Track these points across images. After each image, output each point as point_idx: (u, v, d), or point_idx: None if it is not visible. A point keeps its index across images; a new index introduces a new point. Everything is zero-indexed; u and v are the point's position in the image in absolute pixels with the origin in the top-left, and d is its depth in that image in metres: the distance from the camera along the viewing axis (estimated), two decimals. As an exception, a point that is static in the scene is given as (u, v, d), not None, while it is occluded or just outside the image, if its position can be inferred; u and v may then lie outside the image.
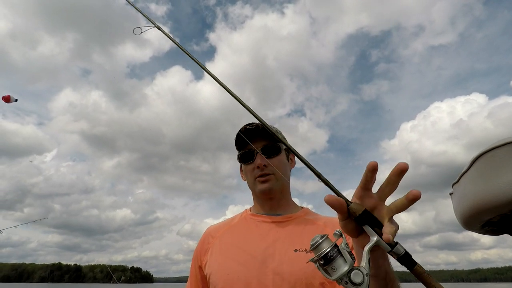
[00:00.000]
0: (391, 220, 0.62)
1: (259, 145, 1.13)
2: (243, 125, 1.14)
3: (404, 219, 41.11)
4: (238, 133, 1.14)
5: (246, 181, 1.20)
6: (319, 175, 0.70)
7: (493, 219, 0.69)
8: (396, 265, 0.67)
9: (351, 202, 0.64)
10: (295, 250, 0.99)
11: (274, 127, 1.18)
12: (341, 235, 0.62)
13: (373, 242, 0.60)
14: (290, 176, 1.21)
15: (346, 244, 0.61)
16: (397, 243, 0.60)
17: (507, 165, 0.62)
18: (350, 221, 0.64)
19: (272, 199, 1.14)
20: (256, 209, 1.19)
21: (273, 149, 1.13)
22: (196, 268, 1.14)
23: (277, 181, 1.11)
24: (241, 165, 1.22)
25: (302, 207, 1.21)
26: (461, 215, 0.75)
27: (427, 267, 0.57)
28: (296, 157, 0.71)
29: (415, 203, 0.60)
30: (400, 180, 0.61)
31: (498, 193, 0.63)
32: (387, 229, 0.60)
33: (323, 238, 0.61)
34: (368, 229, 0.62)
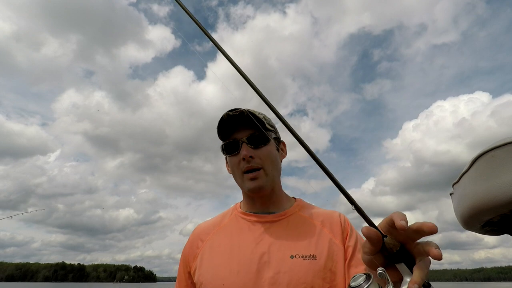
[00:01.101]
0: (425, 262, 0.54)
1: (245, 134, 1.01)
2: (226, 111, 1.02)
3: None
4: (220, 120, 1.02)
5: (232, 175, 1.08)
6: (353, 202, 0.62)
7: (493, 219, 0.69)
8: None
9: (385, 236, 0.57)
10: (291, 257, 0.92)
11: (262, 114, 1.07)
12: (386, 275, 0.55)
13: (408, 284, 0.54)
14: (281, 168, 1.09)
15: (393, 286, 0.55)
16: (430, 284, 0.55)
17: (507, 165, 0.62)
18: (380, 255, 0.58)
19: (263, 196, 1.04)
20: (247, 207, 1.09)
21: (261, 138, 1.01)
22: (186, 273, 1.06)
23: (266, 176, 1.01)
24: (226, 157, 1.10)
25: (294, 198, 1.13)
26: (461, 215, 0.75)
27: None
28: (332, 181, 0.63)
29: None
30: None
31: (498, 193, 0.63)
32: (417, 276, 0.52)
33: (369, 283, 0.56)
34: (403, 268, 0.56)
